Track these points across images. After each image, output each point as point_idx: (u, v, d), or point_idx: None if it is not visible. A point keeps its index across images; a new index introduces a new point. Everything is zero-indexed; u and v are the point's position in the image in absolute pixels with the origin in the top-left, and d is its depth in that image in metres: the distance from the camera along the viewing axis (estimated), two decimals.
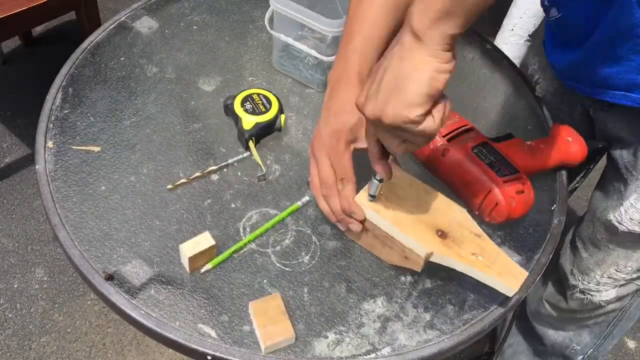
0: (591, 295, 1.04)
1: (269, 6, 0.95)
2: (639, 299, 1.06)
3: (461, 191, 0.84)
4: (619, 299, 1.04)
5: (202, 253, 0.74)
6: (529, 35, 1.68)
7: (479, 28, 1.08)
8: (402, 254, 0.76)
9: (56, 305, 1.56)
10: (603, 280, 1.01)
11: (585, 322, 1.12)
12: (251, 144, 0.87)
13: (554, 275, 1.12)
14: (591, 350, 1.18)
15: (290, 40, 0.96)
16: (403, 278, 0.79)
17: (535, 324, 1.23)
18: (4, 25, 1.41)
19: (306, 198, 0.84)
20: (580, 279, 1.04)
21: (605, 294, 1.03)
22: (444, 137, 0.85)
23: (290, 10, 0.91)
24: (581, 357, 1.20)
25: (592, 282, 1.03)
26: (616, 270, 0.99)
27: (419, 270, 0.76)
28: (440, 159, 0.84)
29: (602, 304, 1.04)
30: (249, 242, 0.79)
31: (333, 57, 0.94)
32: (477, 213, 0.82)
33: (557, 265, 1.10)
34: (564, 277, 1.08)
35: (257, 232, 0.80)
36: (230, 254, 0.78)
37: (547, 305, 1.16)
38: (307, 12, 0.91)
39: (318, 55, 0.94)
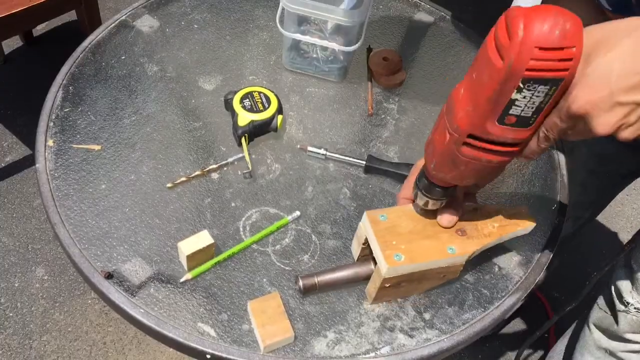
0: None
1: (270, 5, 0.95)
2: None
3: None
4: None
5: (200, 251, 0.74)
6: None
7: (480, 28, 1.08)
8: (439, 276, 0.75)
9: (57, 304, 1.56)
10: None
11: (634, 347, 1.06)
12: (243, 140, 0.87)
13: (606, 296, 1.07)
14: None
15: (308, 38, 0.96)
16: None
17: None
18: (5, 24, 1.41)
19: (297, 213, 0.83)
20: (638, 299, 0.99)
21: None
22: None
23: (305, 7, 0.91)
24: None
25: None
26: None
27: (457, 276, 0.77)
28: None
29: None
30: (237, 252, 0.79)
31: (356, 46, 0.94)
32: None
33: (609, 285, 1.05)
34: (619, 295, 1.03)
35: (247, 241, 0.80)
36: (225, 258, 0.78)
37: (594, 331, 1.10)
38: (325, 7, 0.91)
39: (343, 48, 0.95)
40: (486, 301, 0.78)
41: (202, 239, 0.74)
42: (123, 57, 1.00)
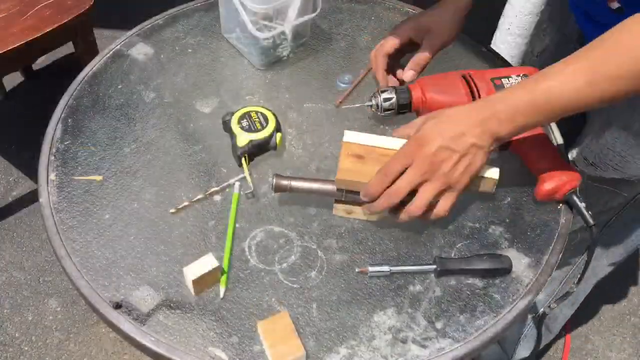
0: None
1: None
2: None
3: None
4: None
5: (206, 275, 0.74)
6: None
7: (475, 29, 1.08)
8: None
9: (71, 335, 1.57)
10: None
11: None
12: (244, 161, 0.87)
13: None
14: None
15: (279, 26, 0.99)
16: (412, 287, 0.78)
17: None
18: (3, 60, 1.43)
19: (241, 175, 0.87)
20: None
21: None
22: None
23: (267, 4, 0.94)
24: None
25: None
26: None
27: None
28: None
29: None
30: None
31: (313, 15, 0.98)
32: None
33: None
34: None
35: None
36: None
37: None
38: None
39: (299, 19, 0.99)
40: (498, 306, 0.77)
41: (207, 263, 0.74)
42: (120, 86, 1.00)
